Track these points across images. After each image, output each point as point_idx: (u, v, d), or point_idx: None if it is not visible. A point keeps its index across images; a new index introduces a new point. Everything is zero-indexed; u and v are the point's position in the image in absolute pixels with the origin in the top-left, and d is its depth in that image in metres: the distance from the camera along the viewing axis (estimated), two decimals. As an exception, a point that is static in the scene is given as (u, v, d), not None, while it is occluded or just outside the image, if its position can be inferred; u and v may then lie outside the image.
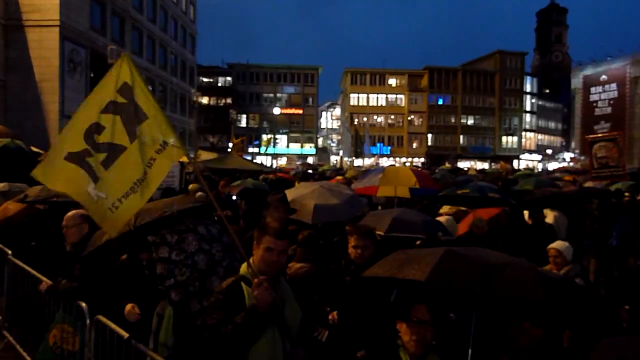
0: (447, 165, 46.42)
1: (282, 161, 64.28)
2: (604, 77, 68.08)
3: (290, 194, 6.00)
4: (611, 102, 66.91)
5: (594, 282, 7.74)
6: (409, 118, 70.10)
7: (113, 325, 3.65)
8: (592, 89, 69.89)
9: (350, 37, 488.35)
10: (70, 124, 3.12)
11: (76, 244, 4.28)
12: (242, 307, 2.64)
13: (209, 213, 4.17)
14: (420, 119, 70.34)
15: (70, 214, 4.47)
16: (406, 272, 2.17)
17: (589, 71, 70.91)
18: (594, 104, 69.72)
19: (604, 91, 68.10)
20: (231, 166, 15.44)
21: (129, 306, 3.79)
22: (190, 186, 10.46)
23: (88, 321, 3.90)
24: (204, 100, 65.51)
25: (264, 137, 65.59)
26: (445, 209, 8.72)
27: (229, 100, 68.00)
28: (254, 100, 70.58)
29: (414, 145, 70.05)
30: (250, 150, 60.15)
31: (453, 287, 2.48)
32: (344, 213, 5.85)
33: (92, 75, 29.67)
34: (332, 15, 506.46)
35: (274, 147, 65.13)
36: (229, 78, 70.81)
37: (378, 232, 4.85)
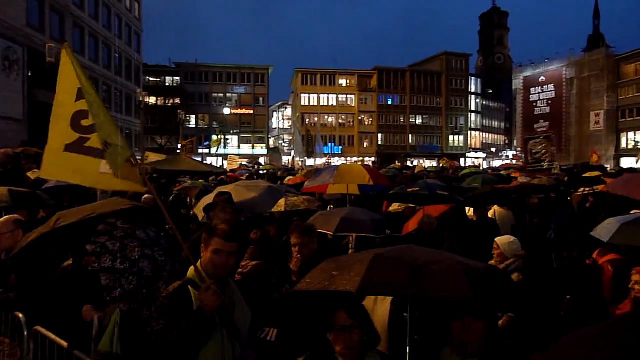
0: (397, 164, 47.35)
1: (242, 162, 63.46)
2: (542, 78, 71.38)
3: (209, 196, 6.16)
4: (549, 102, 70.24)
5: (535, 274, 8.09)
6: (360, 118, 70.98)
7: (52, 336, 3.50)
8: (532, 90, 73.14)
9: (300, 37, 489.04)
10: (53, 122, 3.14)
11: (10, 251, 4.06)
12: (189, 312, 2.60)
13: (157, 217, 4.06)
14: (371, 119, 71.37)
15: (3, 219, 4.24)
16: (337, 283, 2.14)
17: (528, 72, 74.15)
18: (534, 104, 72.98)
19: (543, 91, 71.41)
20: (180, 168, 15.08)
21: (86, 307, 3.64)
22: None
23: (26, 333, 3.72)
24: (151, 100, 63.67)
25: (214, 137, 64.48)
26: (394, 206, 8.90)
27: (177, 101, 66.41)
28: (204, 100, 69.34)
29: (365, 144, 70.99)
30: (201, 151, 58.99)
31: (385, 294, 2.51)
32: (264, 204, 6.09)
33: (29, 74, 28.22)
34: (283, 16, 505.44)
35: (224, 147, 64.14)
36: (177, 78, 69.19)
37: (327, 233, 4.88)
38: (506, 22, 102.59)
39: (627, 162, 51.36)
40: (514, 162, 51.55)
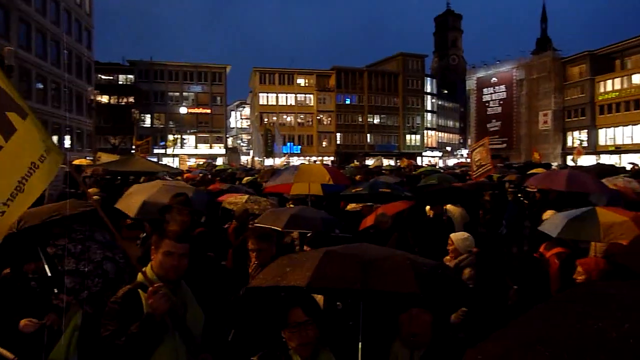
0: (356, 163, 47.81)
1: (191, 162, 62.26)
2: (494, 79, 73.75)
3: (134, 196, 6.16)
4: (501, 102, 72.64)
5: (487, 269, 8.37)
6: (318, 117, 71.22)
7: (-4, 346, 3.32)
8: (485, 90, 75.45)
9: (258, 36, 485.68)
10: None
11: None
12: (139, 316, 2.54)
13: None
14: (329, 118, 71.74)
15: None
16: (289, 279, 2.20)
17: (481, 73, 76.44)
18: (487, 104, 75.31)
19: (495, 92, 73.79)
20: (134, 168, 14.68)
21: (24, 321, 3.48)
22: (90, 190, 9.80)
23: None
24: (104, 99, 61.69)
25: (171, 137, 63.12)
26: (352, 205, 8.99)
27: (131, 99, 64.57)
28: (159, 99, 67.73)
29: (324, 144, 71.30)
30: (156, 151, 57.65)
31: (334, 289, 2.56)
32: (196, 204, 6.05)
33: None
34: (240, 14, 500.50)
35: (181, 147, 62.88)
36: (130, 76, 67.29)
37: (275, 228, 4.91)
38: (460, 25, 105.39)
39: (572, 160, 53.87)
40: (469, 160, 52.99)
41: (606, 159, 50.75)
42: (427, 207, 8.71)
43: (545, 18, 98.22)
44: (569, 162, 48.31)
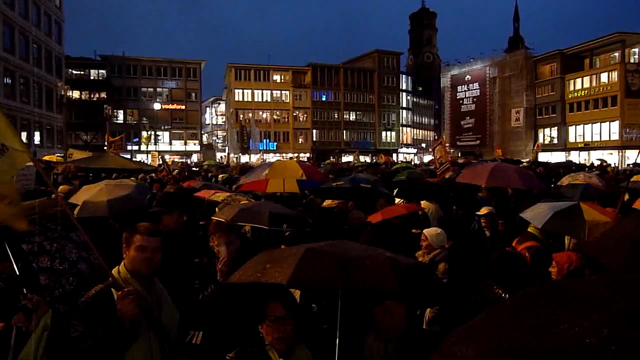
0: (332, 159, 47.94)
1: (165, 158, 61.36)
2: (468, 77, 74.81)
3: (80, 196, 6.34)
4: (474, 99, 73.76)
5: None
6: (294, 114, 71.10)
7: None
8: (459, 88, 76.50)
9: (234, 32, 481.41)
10: None
11: None
12: (111, 317, 2.48)
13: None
14: (305, 115, 71.69)
15: None
16: (269, 275, 2.20)
17: (455, 71, 77.45)
18: (461, 101, 76.39)
19: (468, 89, 74.88)
20: (107, 165, 14.38)
21: None
22: (60, 188, 9.57)
23: None
24: (75, 94, 60.31)
25: (145, 134, 62.14)
26: (327, 202, 9.00)
27: (103, 95, 63.27)
28: (132, 95, 66.56)
29: (300, 140, 71.23)
30: (130, 147, 56.68)
31: (315, 285, 2.58)
32: (137, 200, 6.41)
33: None
34: (216, 10, 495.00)
35: (155, 144, 61.92)
36: (102, 71, 65.88)
37: (223, 219, 4.89)
38: (434, 22, 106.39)
39: (543, 157, 55.15)
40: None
41: (575, 156, 52.14)
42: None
43: (518, 17, 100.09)
44: (541, 158, 49.44)
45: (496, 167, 6.03)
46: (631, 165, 25.16)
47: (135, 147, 58.98)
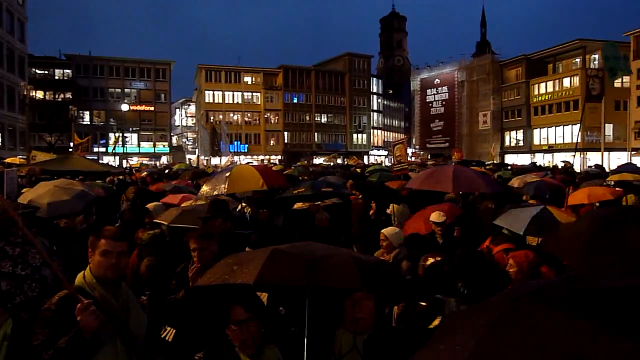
0: (304, 161, 47.93)
1: (133, 160, 60.22)
2: (437, 80, 76.17)
3: (28, 195, 6.69)
4: (443, 102, 75.16)
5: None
6: (265, 116, 70.88)
7: None
8: (428, 91, 77.83)
9: (204, 33, 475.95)
10: None
11: None
12: (75, 324, 2.41)
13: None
14: (277, 117, 71.55)
15: None
16: (236, 276, 2.24)
17: (425, 75, 78.76)
18: (430, 104, 77.70)
19: (438, 93, 76.25)
20: (72, 167, 14.04)
21: None
22: (24, 190, 9.33)
23: None
24: (38, 94, 58.59)
25: (112, 136, 60.80)
26: (299, 204, 9.01)
27: (68, 95, 61.71)
28: (99, 96, 65.09)
29: (271, 142, 71.03)
30: (97, 149, 55.39)
31: (281, 285, 2.62)
32: (75, 205, 6.75)
33: None
34: (186, 10, 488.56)
35: (122, 146, 60.65)
36: (67, 70, 64.25)
37: (162, 222, 4.94)
38: (405, 26, 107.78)
39: (510, 159, 56.56)
40: (413, 159, 54.47)
41: (540, 158, 53.63)
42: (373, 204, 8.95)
43: (485, 23, 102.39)
44: (508, 160, 50.69)
45: (457, 173, 6.12)
46: (593, 167, 26.11)
47: (102, 149, 57.69)
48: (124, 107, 59.03)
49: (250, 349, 2.54)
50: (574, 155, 34.97)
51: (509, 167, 24.04)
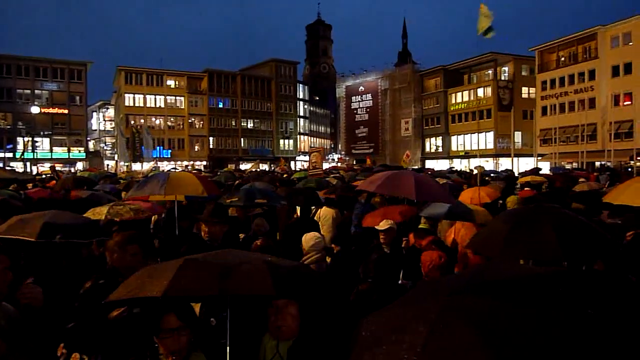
0: (230, 167, 47.24)
1: (45, 166, 56.13)
2: (361, 88, 78.17)
3: None
4: (368, 109, 77.24)
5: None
6: (190, 121, 69.13)
7: None
8: (353, 98, 79.69)
9: (124, 33, 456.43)
10: None
11: None
12: None
13: None
14: (201, 122, 70.01)
15: None
16: (146, 289, 2.14)
17: (350, 82, 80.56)
18: (355, 111, 79.56)
19: (362, 100, 78.28)
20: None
21: None
22: None
23: None
24: None
25: (21, 140, 56.36)
26: (232, 211, 8.83)
27: (-31, 96, 56.57)
28: (5, 97, 60.07)
29: (196, 148, 69.33)
30: (2, 155, 51.15)
31: (191, 296, 2.55)
32: None
33: None
34: (104, 9, 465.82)
35: (33, 151, 56.39)
36: (-32, 69, 58.93)
37: (28, 239, 4.01)
38: (330, 34, 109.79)
39: (430, 164, 59.19)
40: (339, 164, 55.43)
41: (458, 163, 56.64)
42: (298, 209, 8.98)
43: (406, 34, 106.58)
44: (428, 165, 52.97)
45: (418, 180, 6.34)
46: (502, 172, 28.20)
47: (9, 155, 53.40)
48: (34, 110, 55.01)
49: (178, 359, 2.48)
50: (488, 161, 37.28)
51: (429, 172, 25.22)
